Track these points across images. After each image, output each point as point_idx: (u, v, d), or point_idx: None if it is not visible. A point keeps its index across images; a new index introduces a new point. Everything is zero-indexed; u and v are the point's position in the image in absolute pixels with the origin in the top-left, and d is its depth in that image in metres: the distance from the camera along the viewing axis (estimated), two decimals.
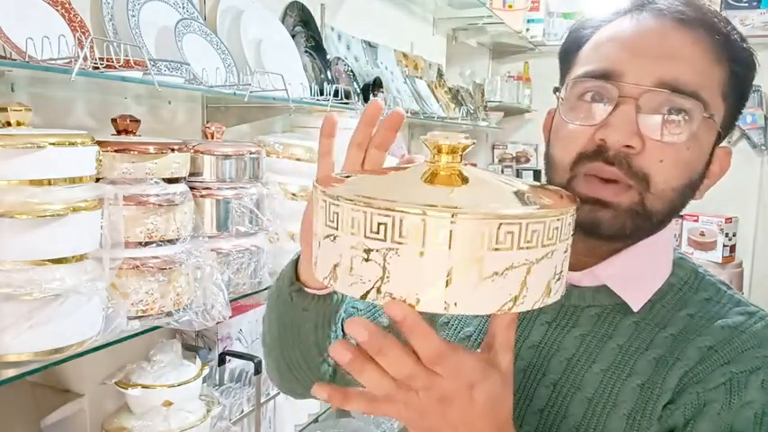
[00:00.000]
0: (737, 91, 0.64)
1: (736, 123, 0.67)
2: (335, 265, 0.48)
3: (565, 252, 0.50)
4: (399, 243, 0.45)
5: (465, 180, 0.50)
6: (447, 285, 0.45)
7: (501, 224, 0.44)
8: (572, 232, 0.51)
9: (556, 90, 0.67)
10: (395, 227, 0.44)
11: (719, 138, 0.65)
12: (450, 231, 0.44)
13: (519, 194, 0.51)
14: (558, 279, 0.50)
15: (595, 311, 0.67)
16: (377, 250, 0.45)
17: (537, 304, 0.48)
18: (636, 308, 0.65)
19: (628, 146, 0.59)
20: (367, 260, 0.46)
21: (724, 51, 0.62)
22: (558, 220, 0.47)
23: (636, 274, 0.65)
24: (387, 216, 0.44)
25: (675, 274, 0.68)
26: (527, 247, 0.46)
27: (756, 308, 0.65)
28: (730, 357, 0.60)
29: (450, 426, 0.50)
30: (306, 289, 0.70)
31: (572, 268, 0.66)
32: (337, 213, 0.47)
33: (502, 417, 0.52)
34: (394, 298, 0.46)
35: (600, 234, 0.62)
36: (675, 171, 0.61)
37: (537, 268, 0.47)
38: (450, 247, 0.44)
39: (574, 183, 0.63)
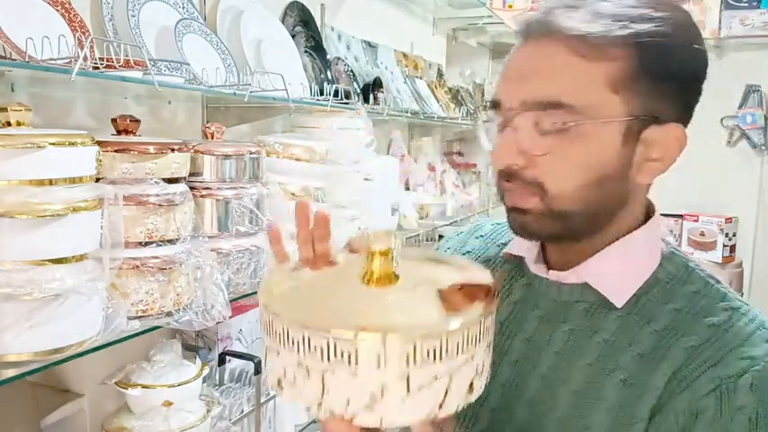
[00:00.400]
0: (650, 72, 0.62)
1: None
2: (279, 379, 0.52)
3: (486, 347, 0.53)
4: (335, 363, 0.48)
5: (397, 278, 0.55)
6: (378, 401, 0.49)
7: (423, 342, 0.48)
8: (493, 328, 0.54)
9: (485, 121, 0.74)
10: (329, 348, 0.48)
11: (645, 123, 0.64)
12: (379, 353, 0.48)
13: (444, 298, 0.55)
14: (480, 375, 0.53)
15: (584, 306, 0.69)
16: (315, 369, 0.49)
17: (460, 405, 0.52)
18: (619, 304, 0.67)
19: (514, 164, 0.66)
20: (308, 377, 0.50)
21: (607, 45, 0.62)
22: (477, 325, 0.51)
23: (616, 272, 0.68)
24: (322, 338, 0.48)
25: (664, 268, 0.69)
26: (449, 358, 0.49)
27: (741, 302, 0.66)
28: (717, 359, 0.61)
29: None
30: None
31: (557, 268, 0.72)
32: (278, 331, 0.51)
33: None
34: (333, 413, 0.49)
35: (529, 235, 0.70)
36: (571, 173, 0.64)
37: (459, 374, 0.50)
38: (378, 366, 0.48)
39: (504, 197, 0.70)
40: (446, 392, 0.50)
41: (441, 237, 3.04)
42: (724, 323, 0.63)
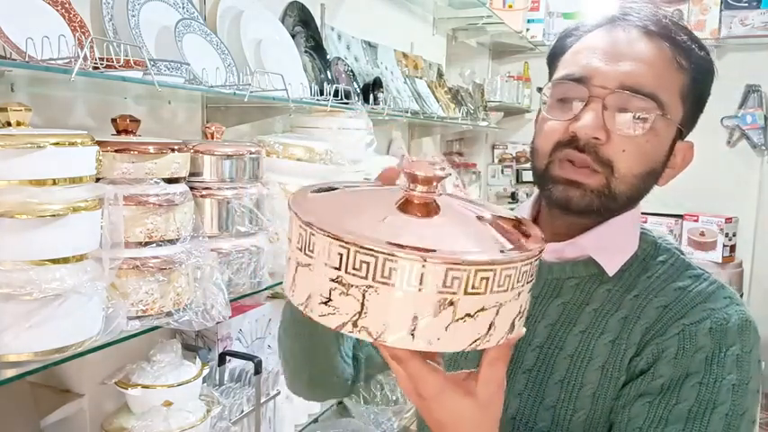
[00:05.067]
0: (697, 94, 0.75)
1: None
2: (310, 295, 0.50)
3: (530, 291, 0.53)
4: (380, 282, 0.46)
5: (437, 210, 0.53)
6: (421, 325, 0.47)
7: (477, 270, 0.47)
8: (535, 274, 0.53)
9: (539, 90, 0.78)
10: (377, 266, 0.46)
11: (681, 134, 0.76)
12: (428, 275, 0.46)
13: (490, 231, 0.53)
14: (521, 316, 0.52)
15: (575, 282, 0.78)
16: (356, 286, 0.47)
17: (501, 341, 0.51)
18: (611, 273, 0.76)
19: (595, 137, 0.71)
20: (346, 294, 0.47)
21: (684, 60, 0.73)
22: (527, 264, 0.50)
23: (611, 245, 0.77)
24: (370, 255, 0.46)
25: (639, 246, 0.78)
26: (498, 291, 0.48)
27: (702, 270, 0.77)
28: (682, 313, 0.71)
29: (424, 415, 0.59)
30: None
31: (553, 241, 0.78)
32: (314, 243, 0.48)
33: None
34: (370, 332, 0.47)
35: (571, 209, 0.74)
36: (636, 160, 0.73)
37: (504, 309, 0.49)
38: (426, 290, 0.46)
39: (551, 167, 0.75)
40: (490, 326, 0.49)
41: None
42: (688, 286, 0.74)
